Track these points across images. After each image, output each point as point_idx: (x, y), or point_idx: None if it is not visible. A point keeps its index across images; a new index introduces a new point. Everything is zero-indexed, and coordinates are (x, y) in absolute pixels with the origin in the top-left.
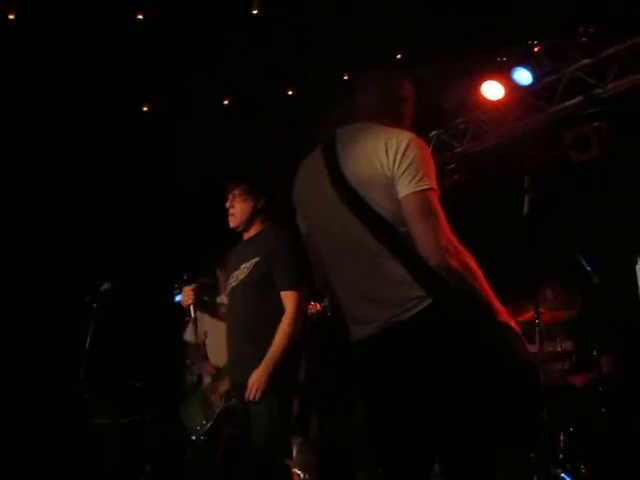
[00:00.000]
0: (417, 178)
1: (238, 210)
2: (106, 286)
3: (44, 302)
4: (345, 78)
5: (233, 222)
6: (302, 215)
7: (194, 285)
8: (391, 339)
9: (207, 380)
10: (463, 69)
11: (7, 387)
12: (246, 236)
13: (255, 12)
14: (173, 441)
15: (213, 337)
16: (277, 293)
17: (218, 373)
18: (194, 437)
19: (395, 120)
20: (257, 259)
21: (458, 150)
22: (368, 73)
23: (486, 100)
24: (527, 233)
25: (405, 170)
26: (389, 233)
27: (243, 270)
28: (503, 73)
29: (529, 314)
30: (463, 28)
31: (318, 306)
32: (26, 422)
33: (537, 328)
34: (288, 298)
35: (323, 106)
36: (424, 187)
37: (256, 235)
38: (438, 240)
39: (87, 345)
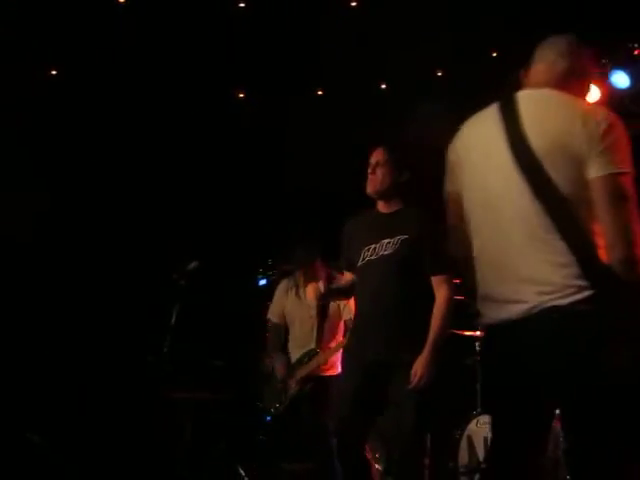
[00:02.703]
0: (615, 160)
1: (379, 176)
2: (193, 265)
3: (136, 278)
4: (439, 74)
5: (371, 187)
6: (456, 173)
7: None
8: (541, 324)
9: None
10: None
11: (98, 358)
12: (384, 209)
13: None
14: (248, 421)
15: (297, 322)
16: (421, 276)
17: (298, 360)
18: (269, 418)
19: (578, 93)
20: (404, 237)
21: None
22: (551, 41)
23: None
24: None
25: (603, 150)
26: (566, 213)
27: (386, 246)
28: (600, 75)
29: None
30: (562, 28)
31: None
32: (111, 392)
33: None
34: (442, 282)
35: (415, 102)
36: (621, 170)
37: (399, 212)
38: (629, 229)
39: (172, 321)
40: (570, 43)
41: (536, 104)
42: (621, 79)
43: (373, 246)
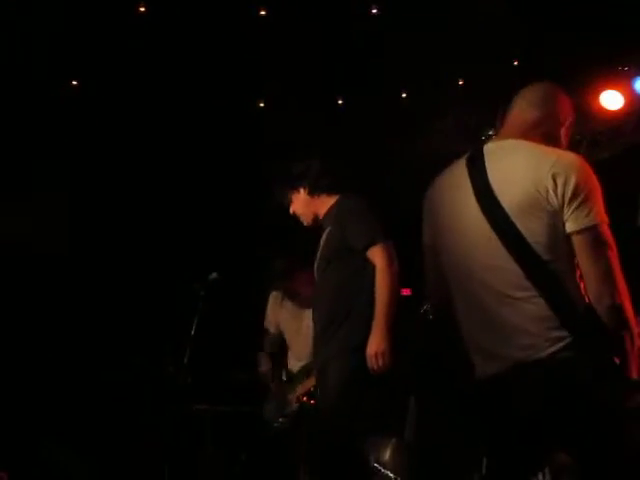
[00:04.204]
0: (593, 212)
1: (299, 212)
2: (214, 275)
3: (156, 289)
4: (460, 83)
5: (306, 224)
6: (430, 227)
7: None
8: (524, 379)
9: (284, 378)
10: (582, 78)
11: (118, 369)
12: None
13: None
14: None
15: (292, 334)
16: (357, 260)
17: (296, 375)
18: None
19: (551, 142)
20: (329, 229)
21: None
22: (528, 88)
23: (604, 110)
24: None
25: (579, 204)
26: (542, 269)
27: (320, 246)
28: (623, 83)
29: None
30: (584, 36)
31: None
32: (131, 403)
33: None
34: (375, 254)
35: (436, 112)
36: (598, 221)
37: (326, 212)
38: (613, 277)
39: (193, 332)
40: (546, 92)
41: (502, 156)
42: None
43: (318, 254)
